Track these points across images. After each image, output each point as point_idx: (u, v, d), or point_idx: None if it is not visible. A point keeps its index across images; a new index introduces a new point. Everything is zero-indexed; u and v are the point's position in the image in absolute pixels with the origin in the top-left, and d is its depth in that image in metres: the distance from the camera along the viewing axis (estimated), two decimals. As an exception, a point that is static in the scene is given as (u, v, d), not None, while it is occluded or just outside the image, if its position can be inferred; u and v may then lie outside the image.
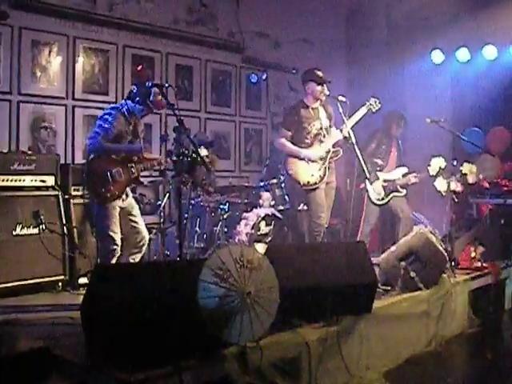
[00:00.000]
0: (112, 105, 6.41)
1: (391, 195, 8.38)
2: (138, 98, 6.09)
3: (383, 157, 8.44)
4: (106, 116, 6.02)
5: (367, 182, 8.17)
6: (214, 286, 4.09)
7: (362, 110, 7.46)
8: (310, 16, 10.90)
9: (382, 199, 8.35)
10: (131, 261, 6.21)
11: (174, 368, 3.73)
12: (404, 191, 8.44)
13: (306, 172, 7.18)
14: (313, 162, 7.19)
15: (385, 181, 8.38)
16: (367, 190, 8.27)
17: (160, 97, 6.05)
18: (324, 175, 7.21)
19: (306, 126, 7.26)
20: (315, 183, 7.18)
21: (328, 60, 10.75)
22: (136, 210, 6.32)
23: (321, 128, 7.29)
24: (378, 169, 8.38)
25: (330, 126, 7.40)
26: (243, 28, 9.99)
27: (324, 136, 7.29)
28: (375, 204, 8.36)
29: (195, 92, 9.69)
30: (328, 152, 7.25)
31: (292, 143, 7.27)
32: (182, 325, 3.92)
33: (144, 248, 6.32)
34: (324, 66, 7.45)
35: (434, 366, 5.94)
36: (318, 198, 7.23)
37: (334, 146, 7.29)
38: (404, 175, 8.47)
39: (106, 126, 5.93)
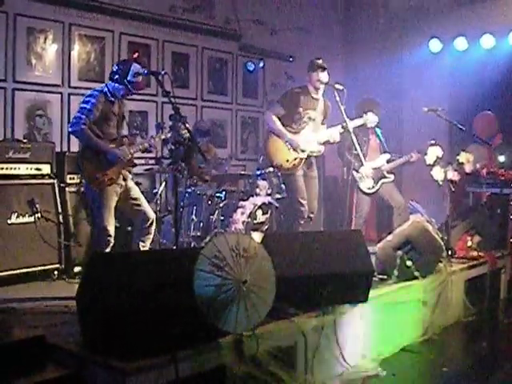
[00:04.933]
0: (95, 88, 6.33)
1: (380, 182, 8.36)
2: (116, 77, 6.03)
3: (361, 147, 8.29)
4: (88, 98, 5.95)
5: (355, 172, 8.17)
6: (210, 274, 4.07)
7: (356, 123, 7.51)
8: (307, 4, 10.88)
9: (372, 187, 8.32)
10: (141, 245, 6.19)
11: (169, 357, 3.72)
12: (392, 176, 8.41)
13: (282, 155, 7.22)
14: (293, 149, 7.22)
15: (372, 169, 8.34)
16: (356, 181, 8.26)
17: (140, 78, 6.01)
18: (298, 165, 7.25)
19: (300, 111, 7.26)
20: (287, 169, 7.23)
21: (325, 48, 10.73)
22: (136, 192, 6.26)
23: (312, 119, 7.32)
24: (358, 160, 8.31)
25: (321, 123, 7.47)
26: (240, 16, 9.94)
27: (312, 129, 7.33)
28: (366, 193, 8.34)
29: (191, 80, 9.66)
30: (310, 146, 7.30)
31: (282, 123, 7.27)
32: (178, 314, 3.90)
33: (152, 229, 6.27)
34: (321, 54, 7.43)
35: (429, 354, 5.95)
36: (296, 183, 7.28)
37: (323, 144, 7.37)
38: (388, 161, 8.45)
39: (88, 107, 5.86)
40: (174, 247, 5.48)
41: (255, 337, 4.23)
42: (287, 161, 7.22)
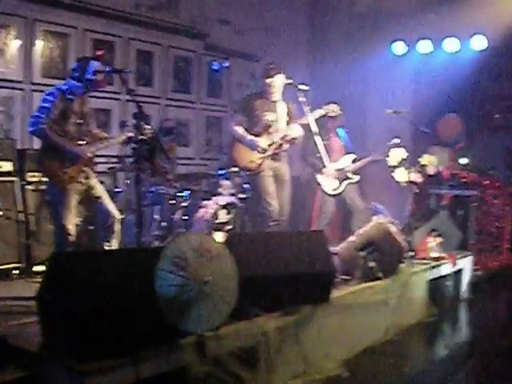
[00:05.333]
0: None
1: (345, 183, 8.38)
2: (76, 75, 5.98)
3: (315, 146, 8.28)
4: (47, 97, 5.89)
5: (319, 174, 8.20)
6: (172, 274, 4.05)
7: (319, 112, 7.54)
8: (273, 4, 10.87)
9: (337, 189, 8.34)
10: (106, 245, 6.15)
11: (130, 358, 3.68)
12: (357, 177, 8.44)
13: (246, 157, 7.35)
14: (254, 149, 7.31)
15: (335, 170, 8.35)
16: (319, 183, 8.29)
17: (101, 76, 5.97)
18: (262, 164, 7.32)
19: (257, 114, 7.39)
20: (253, 169, 7.33)
21: (290, 49, 10.76)
22: (99, 191, 6.21)
23: (273, 121, 7.39)
24: (322, 162, 8.30)
25: (286, 124, 7.50)
26: (206, 15, 9.91)
27: (276, 130, 7.40)
28: (330, 195, 8.36)
29: (156, 78, 9.60)
30: (271, 144, 7.35)
31: (244, 129, 7.42)
32: (139, 314, 3.87)
33: (117, 228, 6.23)
34: (286, 55, 7.48)
35: (391, 354, 5.98)
36: (263, 183, 7.36)
37: (286, 140, 7.38)
38: (353, 161, 8.47)
39: (47, 105, 5.80)
40: (136, 247, 5.43)
41: (217, 337, 4.22)
42: (251, 161, 7.32)
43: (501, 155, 13.67)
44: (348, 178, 8.39)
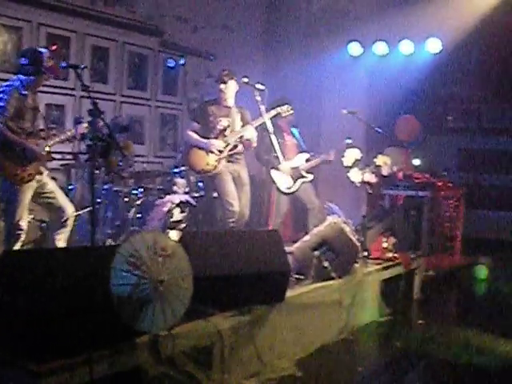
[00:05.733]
0: (4, 83, 6.12)
1: (299, 181, 8.39)
2: (30, 69, 5.88)
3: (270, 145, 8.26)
4: (0, 95, 5.80)
5: (273, 171, 8.21)
6: (127, 273, 3.99)
7: (271, 113, 7.57)
8: (229, 2, 10.84)
9: (291, 187, 8.34)
10: (57, 238, 6.11)
11: (84, 358, 3.62)
12: (310, 176, 8.45)
13: (202, 160, 7.39)
14: (211, 152, 7.35)
15: (290, 169, 8.35)
16: (274, 181, 8.29)
17: (52, 61, 5.91)
18: (219, 165, 7.36)
19: (212, 120, 7.46)
20: (209, 171, 7.37)
21: (247, 47, 10.75)
22: (52, 187, 6.14)
23: (228, 126, 7.46)
24: (277, 160, 8.30)
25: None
26: (162, 11, 9.83)
27: (228, 132, 7.46)
28: (284, 193, 8.36)
29: (111, 75, 9.49)
30: (226, 146, 7.39)
31: (200, 136, 7.47)
32: (94, 313, 3.81)
33: (69, 223, 6.16)
34: (242, 53, 7.46)
35: (345, 354, 6.02)
36: (223, 184, 7.39)
37: (241, 142, 7.45)
38: (307, 160, 8.48)
39: (1, 104, 5.71)
40: (90, 245, 5.36)
41: (172, 337, 4.18)
42: (207, 164, 7.36)
43: (453, 157, 13.91)
44: (302, 177, 8.40)
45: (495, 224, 13.28)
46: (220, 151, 7.35)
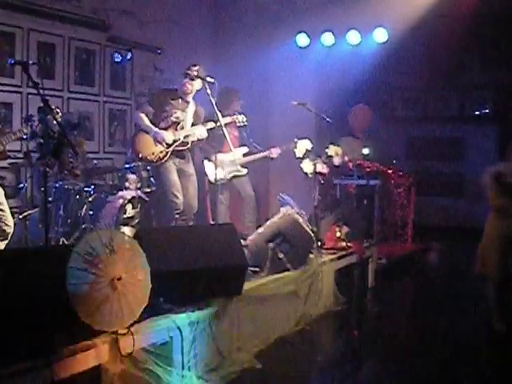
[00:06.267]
0: None
1: (231, 174, 8.33)
2: None
3: (218, 139, 8.23)
4: None
5: (206, 162, 8.17)
6: (84, 272, 3.96)
7: (226, 120, 7.60)
8: (176, -5, 10.77)
9: (221, 179, 8.24)
10: None
11: (44, 360, 3.57)
12: (245, 170, 8.38)
13: (147, 148, 7.33)
14: (159, 142, 7.30)
15: (224, 161, 8.30)
16: (205, 171, 8.23)
17: None
18: (163, 157, 7.32)
19: (167, 110, 7.40)
20: (152, 161, 7.35)
21: (194, 40, 10.68)
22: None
23: (181, 120, 7.41)
24: (213, 151, 8.25)
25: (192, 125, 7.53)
26: (108, 5, 9.68)
27: (182, 128, 7.41)
28: (211, 182, 8.27)
29: (58, 70, 9.31)
30: (176, 141, 7.36)
31: (150, 120, 7.40)
32: (52, 314, 3.76)
33: (9, 235, 6.07)
34: (190, 47, 7.43)
35: (303, 344, 6.08)
36: (166, 175, 7.35)
37: (190, 140, 7.44)
38: (245, 154, 8.44)
39: None
40: (44, 244, 5.29)
41: (131, 334, 4.15)
42: (153, 153, 7.32)
43: (402, 145, 14.09)
44: (236, 171, 8.34)
45: (444, 210, 13.51)
46: (168, 145, 7.31)
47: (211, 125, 7.42)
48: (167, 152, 7.31)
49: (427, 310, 7.53)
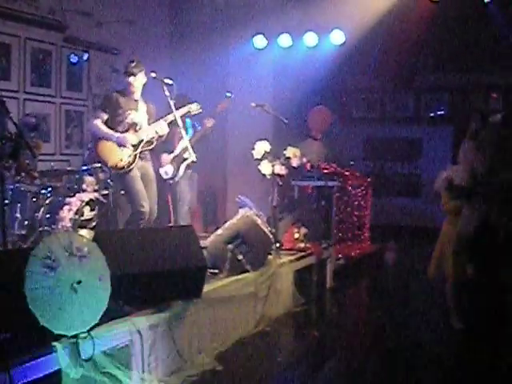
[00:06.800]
0: None
1: (183, 166, 8.26)
2: None
3: (170, 139, 8.17)
4: None
5: (161, 168, 8.12)
6: (42, 276, 3.92)
7: (182, 111, 7.46)
8: (134, -4, 10.71)
9: (174, 175, 8.19)
10: None
11: (4, 365, 3.53)
12: (193, 156, 8.19)
13: (115, 155, 7.09)
14: (124, 146, 7.10)
15: (174, 158, 8.24)
16: (159, 171, 8.16)
17: None
18: (133, 162, 7.13)
19: (121, 113, 7.16)
20: (123, 167, 7.10)
21: (152, 42, 10.64)
22: None
23: (137, 120, 7.23)
24: (164, 150, 8.18)
25: (148, 124, 7.34)
26: (65, 6, 9.59)
27: (140, 128, 7.24)
28: (167, 180, 8.21)
29: (13, 71, 9.21)
30: (141, 141, 7.19)
31: (108, 127, 7.17)
32: (10, 318, 3.72)
33: None
34: (148, 48, 7.37)
35: (263, 345, 6.09)
36: (133, 185, 7.16)
37: (155, 139, 7.30)
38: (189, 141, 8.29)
39: None
40: (1, 248, 5.23)
41: (91, 338, 4.12)
42: (121, 160, 7.08)
43: (360, 146, 14.21)
44: (185, 160, 8.22)
45: (401, 210, 13.66)
46: (134, 147, 7.16)
47: (171, 117, 7.27)
48: (135, 155, 7.13)
49: (386, 309, 7.60)
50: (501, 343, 5.84)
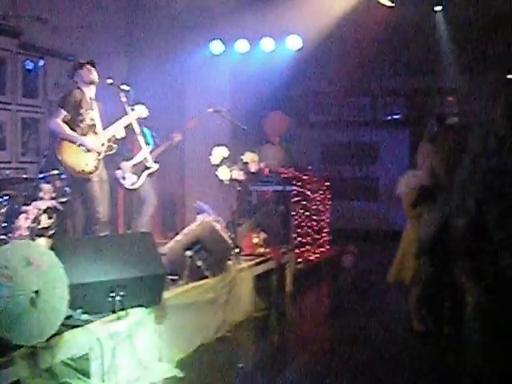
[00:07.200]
0: None
1: (143, 175, 8.20)
2: None
3: (126, 147, 8.05)
4: None
5: (117, 170, 8.06)
6: (-1, 286, 3.88)
7: (132, 114, 7.39)
8: (89, 1, 10.61)
9: (135, 183, 8.14)
10: None
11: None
12: (156, 166, 8.18)
13: (81, 160, 6.90)
14: (89, 151, 6.94)
15: (133, 166, 8.19)
16: (118, 179, 8.10)
17: None
18: (97, 167, 7.02)
19: (82, 112, 6.97)
20: (90, 173, 6.95)
21: (109, 47, 10.57)
22: None
23: (93, 120, 7.08)
24: (124, 158, 8.13)
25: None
26: (19, 11, 9.49)
27: (97, 130, 7.11)
28: (130, 189, 8.17)
29: (-33, 79, 9.10)
30: (103, 145, 7.07)
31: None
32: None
33: None
34: (104, 54, 7.32)
35: (224, 351, 6.08)
36: (93, 190, 7.06)
37: (111, 141, 7.21)
38: (151, 152, 8.30)
39: None
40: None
41: (50, 348, 4.09)
42: (87, 164, 6.93)
43: (317, 151, 14.29)
44: (147, 168, 8.17)
45: (360, 214, 13.77)
46: (100, 151, 7.01)
47: (127, 120, 7.20)
48: (99, 160, 7.01)
49: (346, 312, 7.65)
50: (460, 345, 5.91)
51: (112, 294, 4.95)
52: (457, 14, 10.46)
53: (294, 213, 9.36)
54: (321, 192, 10.50)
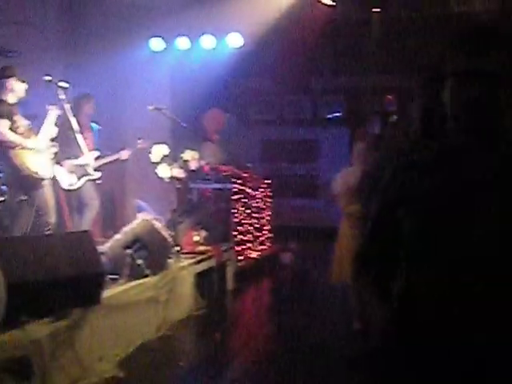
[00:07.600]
0: None
1: (83, 179, 8.11)
2: None
3: (69, 144, 7.86)
4: None
5: (56, 167, 7.94)
6: None
7: (51, 115, 7.18)
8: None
9: (74, 184, 8.04)
10: None
11: None
12: (98, 174, 8.15)
13: (35, 163, 6.84)
14: (39, 154, 6.90)
15: (76, 166, 8.09)
16: (55, 176, 7.98)
17: None
18: (49, 168, 7.01)
19: (17, 119, 6.85)
20: (43, 178, 6.94)
21: (47, 43, 10.39)
22: None
23: (26, 123, 6.96)
24: (64, 155, 8.03)
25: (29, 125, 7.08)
26: None
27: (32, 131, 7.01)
28: (66, 190, 8.06)
29: None
30: (46, 145, 7.02)
31: None
32: None
33: None
34: (42, 51, 7.20)
35: (165, 350, 6.06)
36: (45, 197, 7.01)
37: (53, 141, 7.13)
38: (97, 158, 8.23)
39: None
40: None
41: (-13, 349, 4.02)
42: (42, 167, 6.89)
43: (257, 148, 14.34)
44: (88, 174, 8.08)
45: (300, 211, 13.87)
46: (54, 153, 7.01)
47: (51, 118, 7.04)
48: (50, 161, 6.97)
49: (286, 310, 7.70)
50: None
51: (51, 294, 4.89)
52: (392, 16, 10.60)
53: (234, 210, 9.36)
54: (261, 190, 10.54)
